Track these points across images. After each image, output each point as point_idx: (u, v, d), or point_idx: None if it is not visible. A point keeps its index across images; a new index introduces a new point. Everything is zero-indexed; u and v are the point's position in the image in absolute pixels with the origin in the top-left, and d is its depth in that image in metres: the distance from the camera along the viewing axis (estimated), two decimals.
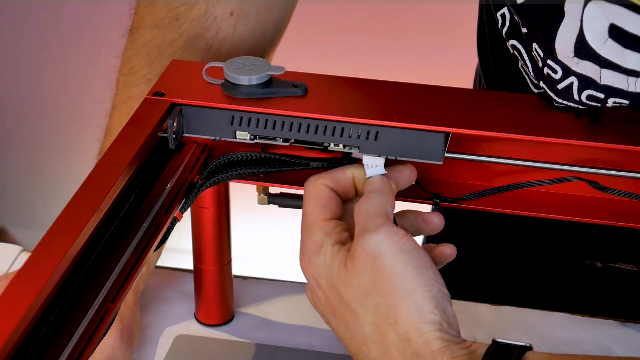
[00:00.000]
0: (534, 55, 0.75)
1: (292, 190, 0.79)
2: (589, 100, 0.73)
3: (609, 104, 0.72)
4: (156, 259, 0.90)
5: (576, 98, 0.73)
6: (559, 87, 0.74)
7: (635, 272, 0.98)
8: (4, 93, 2.14)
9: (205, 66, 0.78)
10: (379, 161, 0.74)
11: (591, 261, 1.00)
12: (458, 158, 0.76)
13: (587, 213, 0.76)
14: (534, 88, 0.77)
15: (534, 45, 0.74)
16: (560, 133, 0.72)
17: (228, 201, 0.84)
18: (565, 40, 0.72)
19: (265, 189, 0.80)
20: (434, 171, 0.78)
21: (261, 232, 2.07)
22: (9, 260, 0.97)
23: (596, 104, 0.73)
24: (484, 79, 1.01)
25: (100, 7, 1.96)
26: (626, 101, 0.72)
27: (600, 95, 0.72)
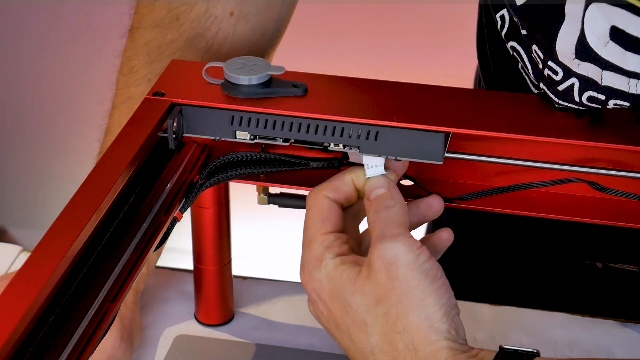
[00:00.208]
0: (533, 57, 0.75)
1: (292, 190, 0.79)
2: (590, 101, 0.73)
3: (609, 106, 0.72)
4: (156, 259, 0.90)
5: (577, 99, 0.73)
6: (560, 89, 0.74)
7: (636, 273, 0.98)
8: (4, 93, 2.14)
9: (205, 66, 0.78)
10: (379, 161, 0.74)
11: (591, 261, 1.00)
12: (458, 158, 0.76)
13: (587, 213, 0.76)
14: (534, 89, 0.77)
15: (534, 47, 0.74)
16: (560, 133, 0.72)
17: (228, 201, 0.84)
18: (566, 42, 0.72)
19: (265, 189, 0.80)
20: (434, 171, 0.78)
21: (261, 232, 2.07)
22: (9, 260, 0.97)
23: (597, 105, 0.73)
24: (484, 79, 1.01)
25: (100, 7, 1.96)
26: (627, 103, 0.72)
27: (601, 96, 0.72)
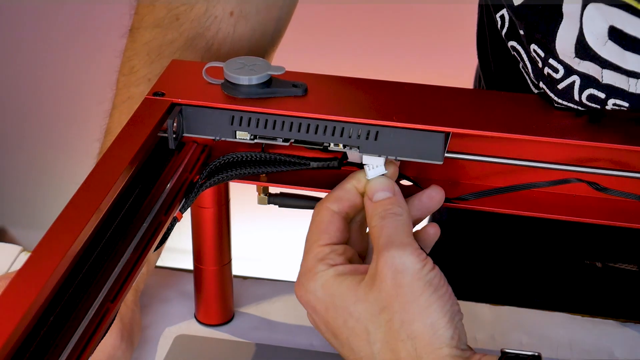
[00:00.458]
0: (532, 56, 0.75)
1: (292, 190, 0.79)
2: (589, 100, 0.73)
3: (608, 106, 0.72)
4: (156, 259, 0.90)
5: (576, 98, 0.73)
6: (560, 87, 0.74)
7: (636, 272, 0.98)
8: (5, 93, 2.14)
9: (205, 66, 0.78)
10: (379, 161, 0.74)
11: (591, 261, 1.00)
12: (458, 158, 0.76)
13: (587, 213, 0.76)
14: (534, 89, 0.77)
15: (533, 46, 0.74)
16: (560, 133, 0.72)
17: (228, 201, 0.84)
18: (565, 41, 0.72)
19: (265, 189, 0.80)
20: (434, 171, 0.78)
21: (261, 232, 2.07)
22: (9, 260, 0.97)
23: (596, 105, 0.73)
24: (484, 79, 1.01)
25: (100, 7, 1.96)
26: (626, 103, 0.72)
27: (602, 95, 0.72)
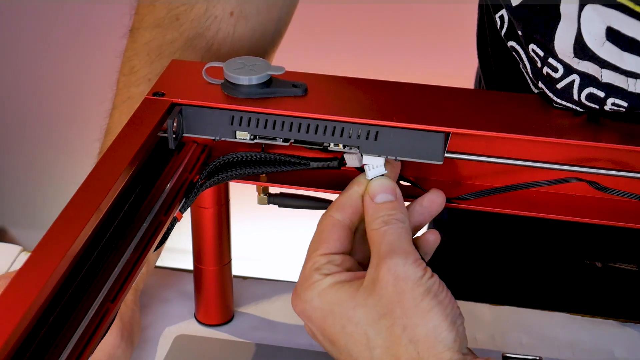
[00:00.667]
0: (531, 56, 0.75)
1: (292, 190, 0.79)
2: (588, 100, 0.73)
3: (607, 106, 0.72)
4: (156, 259, 0.90)
5: (575, 98, 0.73)
6: (559, 87, 0.74)
7: (636, 272, 0.98)
8: (5, 93, 2.14)
9: (205, 66, 0.78)
10: (379, 161, 0.74)
11: (591, 261, 1.00)
12: (458, 158, 0.76)
13: (587, 213, 0.76)
14: (534, 88, 0.77)
15: (532, 46, 0.74)
16: (560, 133, 0.72)
17: (228, 201, 0.84)
18: (563, 42, 0.72)
19: (265, 189, 0.80)
20: (434, 171, 0.78)
21: (261, 232, 2.07)
22: (9, 260, 0.97)
23: (595, 105, 0.73)
24: (484, 79, 1.01)
25: (100, 7, 1.96)
26: (625, 103, 0.72)
27: (601, 94, 0.72)
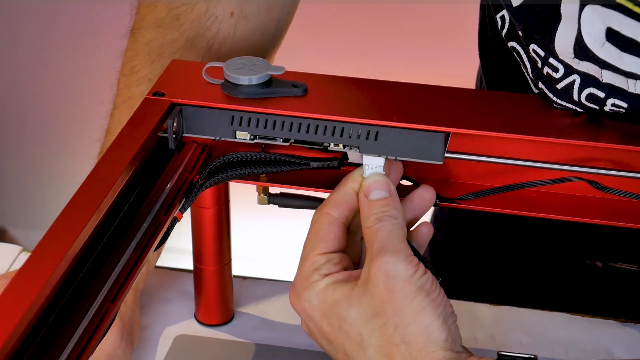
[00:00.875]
0: (532, 56, 0.75)
1: (292, 190, 0.79)
2: (589, 100, 0.73)
3: (607, 107, 0.72)
4: (156, 259, 0.90)
5: (575, 98, 0.73)
6: (559, 87, 0.74)
7: (636, 272, 0.98)
8: (5, 93, 2.14)
9: (205, 66, 0.78)
10: (379, 161, 0.74)
11: (591, 261, 1.00)
12: (458, 158, 0.76)
13: (587, 213, 0.76)
14: (534, 88, 0.77)
15: (532, 46, 0.74)
16: (560, 133, 0.72)
17: (228, 201, 0.84)
18: (564, 42, 0.72)
19: (265, 189, 0.80)
20: (434, 171, 0.78)
21: (261, 232, 2.07)
22: (9, 260, 0.97)
23: (595, 105, 0.73)
24: (485, 79, 1.01)
25: (101, 8, 1.96)
26: (625, 104, 0.72)
27: (601, 94, 0.72)
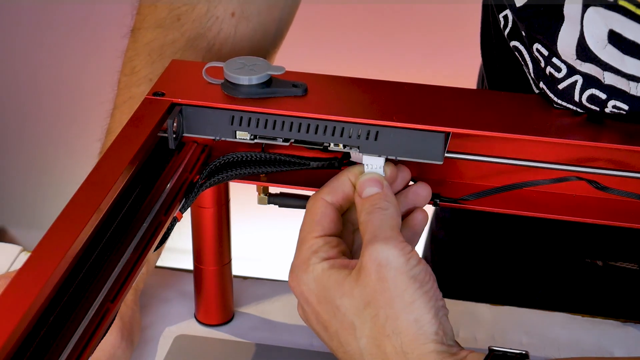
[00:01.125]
0: (535, 55, 0.75)
1: (292, 190, 0.79)
2: (589, 101, 0.73)
3: (607, 108, 0.72)
4: (156, 259, 0.90)
5: (576, 99, 0.73)
6: (560, 87, 0.74)
7: (637, 271, 0.98)
8: (5, 93, 2.14)
9: (205, 66, 0.78)
10: (379, 161, 0.74)
11: (592, 260, 1.00)
12: (458, 158, 0.76)
13: (587, 213, 0.76)
14: (535, 88, 0.77)
15: (536, 45, 0.74)
16: (560, 133, 0.72)
17: (228, 201, 0.84)
18: (566, 43, 0.72)
19: (265, 189, 0.80)
20: (434, 171, 0.78)
21: (261, 232, 2.07)
22: (9, 260, 0.97)
23: (595, 107, 0.73)
24: (487, 78, 1.01)
25: (102, 7, 1.96)
26: (625, 106, 0.72)
27: (603, 95, 0.72)
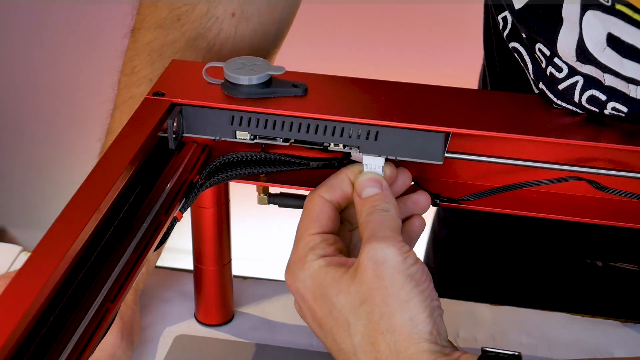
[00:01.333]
0: (537, 56, 0.75)
1: (292, 190, 0.79)
2: (589, 103, 0.73)
3: (607, 110, 0.72)
4: (156, 259, 0.90)
5: (576, 100, 0.73)
6: (560, 87, 0.74)
7: (636, 272, 0.98)
8: (5, 93, 2.14)
9: (205, 66, 0.78)
10: (379, 161, 0.74)
11: (592, 260, 1.00)
12: (458, 158, 0.76)
13: (587, 213, 0.76)
14: (535, 89, 0.77)
15: (538, 45, 0.74)
16: (560, 133, 0.72)
17: (228, 201, 0.84)
18: (566, 45, 0.72)
19: (265, 189, 0.80)
20: (434, 171, 0.78)
21: (261, 232, 2.07)
22: (9, 260, 0.97)
23: (595, 108, 0.73)
24: (490, 78, 1.01)
25: (102, 8, 1.96)
26: (625, 108, 0.72)
27: (603, 97, 0.72)
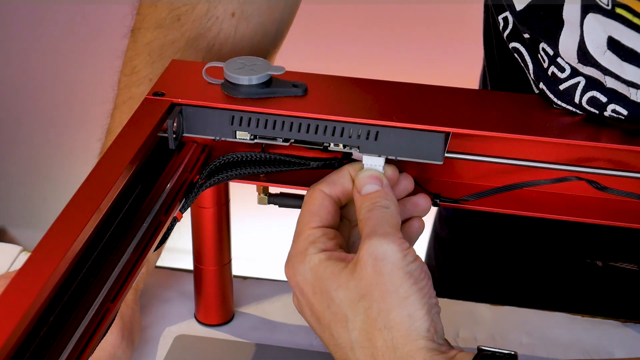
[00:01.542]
0: (540, 55, 0.75)
1: (292, 190, 0.79)
2: (589, 104, 0.73)
3: (607, 112, 0.72)
4: (156, 259, 0.90)
5: (576, 101, 0.73)
6: (561, 88, 0.74)
7: (636, 272, 0.98)
8: (5, 93, 2.14)
9: (205, 66, 0.78)
10: (379, 161, 0.74)
11: (592, 260, 1.00)
12: (458, 158, 0.76)
13: (587, 213, 0.76)
14: (535, 89, 0.77)
15: (542, 45, 0.74)
16: (560, 133, 0.72)
17: (228, 201, 0.84)
18: (567, 47, 0.72)
19: (265, 189, 0.80)
20: (434, 171, 0.78)
21: (261, 232, 2.07)
22: (9, 260, 0.97)
23: (595, 110, 0.73)
24: (490, 78, 1.01)
25: (102, 8, 1.96)
26: (625, 111, 0.72)
27: (604, 98, 0.72)
